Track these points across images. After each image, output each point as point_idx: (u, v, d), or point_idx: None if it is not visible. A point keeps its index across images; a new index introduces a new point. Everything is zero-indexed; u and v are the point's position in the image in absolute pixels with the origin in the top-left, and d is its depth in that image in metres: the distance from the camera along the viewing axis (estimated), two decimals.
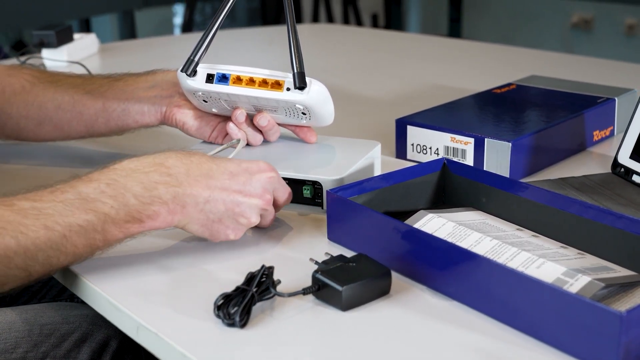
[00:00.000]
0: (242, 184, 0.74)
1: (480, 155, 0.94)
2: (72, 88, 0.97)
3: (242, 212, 0.74)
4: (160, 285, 0.72)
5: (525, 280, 0.62)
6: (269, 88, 0.86)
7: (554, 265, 0.68)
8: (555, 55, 1.70)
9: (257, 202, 0.75)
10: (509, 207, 0.80)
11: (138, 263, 0.75)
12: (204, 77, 0.88)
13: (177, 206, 0.71)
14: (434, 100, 1.13)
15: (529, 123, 1.01)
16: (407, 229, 0.71)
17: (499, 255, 0.71)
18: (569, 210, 0.75)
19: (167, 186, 0.71)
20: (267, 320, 0.66)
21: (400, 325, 0.65)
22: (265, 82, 0.86)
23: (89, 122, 0.97)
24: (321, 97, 0.87)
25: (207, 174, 0.73)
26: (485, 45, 1.81)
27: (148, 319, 0.66)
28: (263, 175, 0.76)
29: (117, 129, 0.98)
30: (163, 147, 0.77)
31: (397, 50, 1.77)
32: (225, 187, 0.73)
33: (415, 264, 0.70)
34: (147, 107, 0.95)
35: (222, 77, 0.87)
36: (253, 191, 0.75)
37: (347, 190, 0.79)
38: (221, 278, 0.72)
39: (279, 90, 0.85)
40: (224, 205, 0.73)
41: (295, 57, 0.84)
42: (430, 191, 0.85)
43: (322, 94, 0.87)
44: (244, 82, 0.86)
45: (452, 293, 0.68)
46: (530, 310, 0.62)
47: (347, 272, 0.68)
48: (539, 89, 1.14)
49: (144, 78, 0.96)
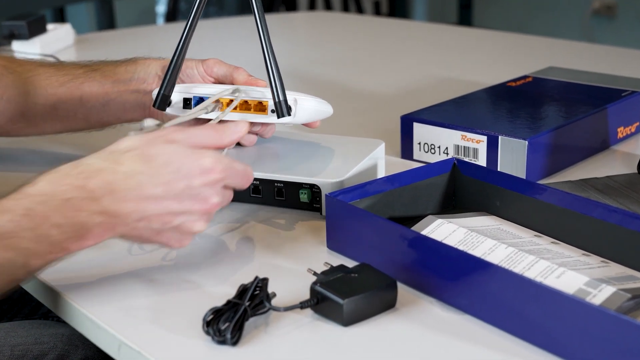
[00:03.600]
0: (179, 192, 0.70)
1: (494, 155, 0.94)
2: (45, 79, 0.97)
3: (182, 224, 0.70)
4: (144, 299, 0.72)
5: (544, 291, 0.62)
6: (252, 112, 0.87)
7: (576, 275, 0.68)
8: (575, 44, 1.71)
9: (198, 209, 0.71)
10: (525, 211, 0.80)
11: (119, 276, 0.75)
12: (181, 103, 0.88)
13: (105, 230, 0.68)
14: (443, 94, 1.13)
15: (547, 119, 1.01)
16: (414, 236, 0.71)
17: (515, 264, 0.71)
18: (591, 214, 0.75)
19: (90, 213, 0.67)
20: (261, 337, 0.66)
21: (408, 342, 0.65)
22: (247, 104, 0.87)
23: (66, 118, 0.97)
24: (310, 113, 0.88)
25: (136, 187, 0.68)
26: (499, 34, 1.81)
27: (131, 336, 0.66)
28: (205, 178, 0.70)
29: (97, 125, 0.98)
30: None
31: (401, 40, 1.78)
32: (159, 197, 0.69)
33: (423, 274, 0.70)
34: (129, 104, 0.95)
35: (200, 101, 0.88)
36: (193, 198, 0.70)
37: (348, 194, 0.79)
38: (210, 291, 0.73)
39: (263, 114, 0.86)
40: (160, 219, 0.69)
41: (274, 84, 0.84)
42: (439, 194, 0.85)
43: (310, 109, 0.87)
44: (224, 106, 0.87)
45: (463, 306, 0.68)
46: (549, 324, 0.62)
47: (348, 284, 0.68)
48: (557, 82, 1.15)
49: (123, 68, 0.96)
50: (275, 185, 0.86)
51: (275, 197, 0.87)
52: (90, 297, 0.72)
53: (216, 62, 0.93)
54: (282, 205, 0.87)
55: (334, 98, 0.90)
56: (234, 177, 0.73)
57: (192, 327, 0.66)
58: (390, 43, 1.75)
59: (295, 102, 0.85)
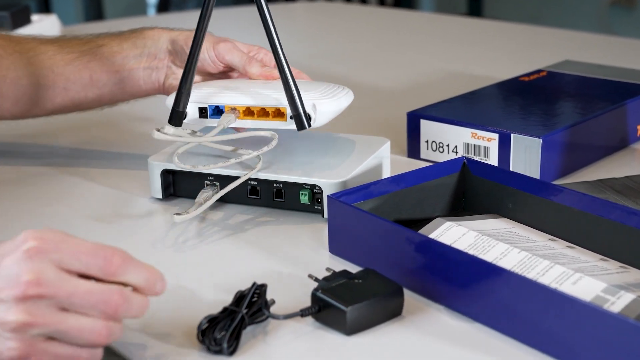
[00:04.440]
0: None
1: (506, 154, 0.94)
2: (48, 59, 0.97)
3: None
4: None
5: (559, 298, 0.62)
6: (270, 118, 0.87)
7: (593, 281, 0.68)
8: (592, 36, 1.71)
9: (8, 295, 0.56)
10: (539, 213, 0.80)
11: None
12: (197, 112, 0.89)
13: None
14: (452, 90, 1.13)
15: (562, 116, 1.01)
16: (422, 240, 0.71)
17: (529, 269, 0.71)
18: (609, 216, 0.75)
19: None
20: (259, 346, 0.66)
21: (415, 352, 0.65)
22: (265, 111, 0.87)
23: (77, 98, 0.98)
24: (331, 115, 0.87)
25: None
26: (511, 25, 1.81)
27: (120, 346, 0.66)
28: (15, 255, 0.57)
29: (110, 103, 1.00)
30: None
31: (408, 32, 1.78)
32: None
33: (431, 280, 0.70)
34: (142, 80, 0.97)
35: (216, 110, 0.88)
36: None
37: (351, 195, 0.79)
38: (206, 298, 0.73)
39: (282, 120, 0.86)
40: None
41: (290, 96, 0.83)
42: (448, 196, 0.85)
43: (330, 113, 0.87)
44: (241, 114, 0.87)
45: (474, 314, 0.68)
46: (564, 333, 0.62)
47: (352, 290, 0.68)
48: (573, 76, 1.15)
49: (132, 42, 0.97)
50: (274, 185, 0.86)
51: (274, 198, 0.87)
52: None
53: (229, 49, 0.93)
54: (281, 207, 0.87)
55: None
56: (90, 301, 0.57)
57: (186, 336, 0.67)
58: (395, 35, 1.75)
59: (314, 108, 0.85)
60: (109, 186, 0.95)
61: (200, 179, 0.88)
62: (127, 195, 0.92)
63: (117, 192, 0.93)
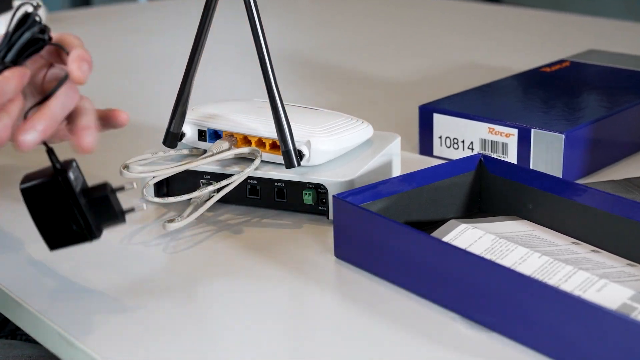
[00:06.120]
0: None
1: (526, 151, 0.95)
2: None
3: None
4: (127, 316, 0.72)
5: (583, 306, 0.62)
6: (267, 150, 0.87)
7: (619, 288, 0.68)
8: (619, 23, 1.71)
9: None
10: (561, 215, 0.80)
11: (96, 290, 0.76)
12: (196, 134, 0.90)
13: None
14: (467, 82, 1.13)
15: (587, 110, 1.01)
16: (435, 244, 0.71)
17: (550, 275, 0.71)
18: (637, 218, 0.75)
19: None
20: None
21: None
22: (261, 142, 0.87)
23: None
24: (332, 155, 0.87)
25: None
26: (531, 11, 1.81)
27: (110, 357, 0.67)
28: None
29: None
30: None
31: (420, 20, 1.78)
32: None
33: (444, 286, 0.71)
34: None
35: (214, 134, 0.90)
36: None
37: (359, 195, 0.79)
38: (202, 306, 0.73)
39: (277, 154, 0.86)
40: None
41: (279, 130, 0.83)
42: (463, 196, 0.86)
43: (330, 152, 0.86)
44: (239, 141, 0.88)
45: (490, 323, 0.68)
46: (588, 344, 0.62)
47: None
48: (598, 67, 1.15)
49: None
50: (275, 185, 0.87)
51: (276, 198, 0.87)
52: (65, 313, 0.72)
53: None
54: (283, 207, 0.87)
55: (343, 86, 0.91)
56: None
57: (182, 349, 0.67)
58: (407, 23, 1.75)
59: (309, 145, 0.85)
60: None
61: (195, 178, 0.88)
62: (121, 195, 0.91)
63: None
